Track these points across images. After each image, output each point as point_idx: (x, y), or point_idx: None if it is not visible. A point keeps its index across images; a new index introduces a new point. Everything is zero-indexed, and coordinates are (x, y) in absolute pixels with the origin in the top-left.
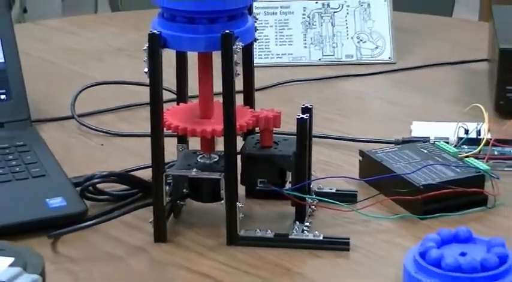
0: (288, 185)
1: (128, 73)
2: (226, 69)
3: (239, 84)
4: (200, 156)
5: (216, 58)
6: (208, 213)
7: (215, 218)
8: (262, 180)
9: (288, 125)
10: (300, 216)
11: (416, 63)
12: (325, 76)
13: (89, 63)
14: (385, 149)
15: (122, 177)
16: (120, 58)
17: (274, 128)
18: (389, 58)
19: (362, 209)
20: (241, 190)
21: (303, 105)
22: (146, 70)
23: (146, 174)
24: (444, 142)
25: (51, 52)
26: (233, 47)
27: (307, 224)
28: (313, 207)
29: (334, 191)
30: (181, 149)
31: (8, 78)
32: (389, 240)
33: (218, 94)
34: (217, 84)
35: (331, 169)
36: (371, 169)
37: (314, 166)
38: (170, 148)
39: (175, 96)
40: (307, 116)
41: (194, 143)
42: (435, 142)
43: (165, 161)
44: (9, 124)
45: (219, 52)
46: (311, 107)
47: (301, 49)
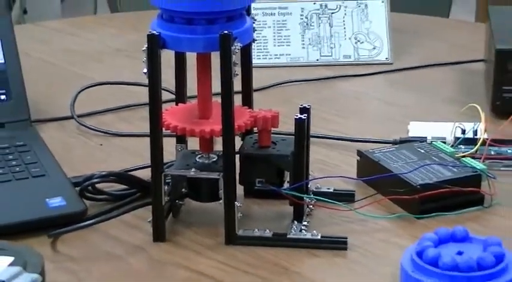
0: (286, 185)
1: (127, 74)
2: (224, 69)
3: (237, 84)
4: (199, 156)
5: (215, 59)
6: (206, 212)
7: (214, 218)
8: (260, 180)
9: (286, 125)
10: (298, 215)
11: (413, 63)
12: (323, 76)
13: (89, 64)
14: (383, 149)
15: (121, 177)
16: (119, 59)
17: (272, 128)
18: (386, 59)
19: (360, 209)
20: (239, 190)
21: (301, 105)
22: (145, 70)
23: (145, 174)
24: (441, 142)
25: (50, 53)
26: (231, 48)
27: (305, 224)
28: (311, 206)
29: (331, 191)
30: (180, 149)
31: (8, 78)
32: (386, 239)
33: (217, 94)
34: (215, 84)
35: (329, 169)
36: (368, 169)
37: (312, 166)
38: (169, 148)
39: (174, 96)
40: (305, 116)
41: (193, 143)
42: (432, 142)
43: (164, 161)
44: (9, 124)
45: (218, 53)
46: (309, 107)
47: (299, 50)
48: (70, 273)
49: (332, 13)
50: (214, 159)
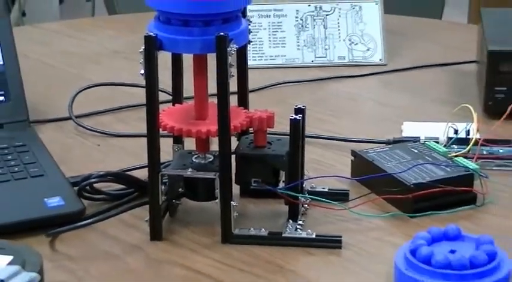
0: (282, 184)
1: (125, 75)
2: (220, 71)
3: (233, 85)
4: (195, 156)
5: (211, 60)
6: (203, 212)
7: (210, 217)
8: (256, 179)
9: (281, 126)
10: (293, 214)
11: (406, 64)
12: (317, 77)
13: (86, 65)
14: (377, 149)
15: (119, 176)
16: (116, 60)
17: (267, 129)
18: (380, 60)
19: (354, 208)
20: (235, 189)
21: (296, 106)
22: (142, 72)
23: (142, 174)
24: (434, 142)
25: (49, 54)
26: (227, 49)
27: (300, 223)
28: (306, 205)
29: (326, 190)
30: (176, 149)
31: (7, 80)
32: (380, 238)
33: (213, 95)
34: (212, 85)
35: (323, 168)
36: (363, 168)
37: (307, 166)
38: (166, 148)
39: (171, 97)
40: (300, 117)
41: (189, 143)
42: (425, 142)
43: (161, 161)
44: (8, 125)
45: (214, 54)
46: (304, 108)
47: (294, 51)
48: (68, 272)
49: (326, 15)
50: (210, 159)
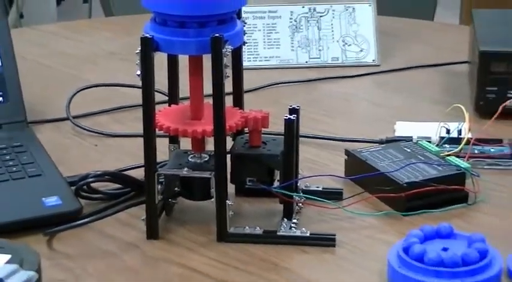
0: (276, 184)
1: (121, 76)
2: (216, 71)
3: (229, 86)
4: (191, 155)
5: (207, 61)
6: (199, 211)
7: (206, 216)
8: (251, 178)
9: (276, 126)
10: (288, 213)
11: (399, 65)
12: (311, 78)
13: (83, 66)
14: (370, 148)
15: (116, 176)
16: (113, 61)
17: (262, 128)
18: (373, 60)
19: (347, 206)
20: (230, 188)
21: (291, 106)
22: (139, 73)
23: (139, 173)
24: (426, 141)
25: (46, 56)
26: (223, 50)
27: (294, 221)
28: (300, 204)
29: (320, 189)
30: (172, 149)
31: (5, 81)
32: (373, 236)
33: (208, 96)
34: (207, 86)
35: (317, 168)
36: (356, 168)
37: (301, 165)
38: (162, 148)
39: (167, 98)
40: (294, 117)
41: (185, 143)
42: (418, 141)
43: (157, 161)
44: (6, 125)
45: (209, 55)
46: (298, 108)
47: (288, 52)
48: (66, 270)
49: (320, 16)
50: (206, 158)
